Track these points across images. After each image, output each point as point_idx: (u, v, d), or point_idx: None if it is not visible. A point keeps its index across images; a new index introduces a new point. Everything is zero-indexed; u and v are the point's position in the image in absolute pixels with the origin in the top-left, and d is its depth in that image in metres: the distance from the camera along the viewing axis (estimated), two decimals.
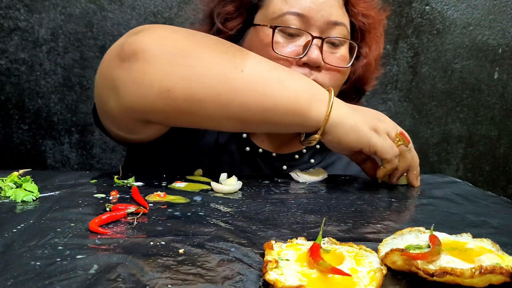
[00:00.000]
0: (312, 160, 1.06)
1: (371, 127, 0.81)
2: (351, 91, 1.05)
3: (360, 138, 0.80)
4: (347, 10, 0.96)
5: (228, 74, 0.73)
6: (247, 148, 1.02)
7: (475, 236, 0.54)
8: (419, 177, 0.89)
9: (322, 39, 0.91)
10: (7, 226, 0.56)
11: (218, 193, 0.75)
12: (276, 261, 0.45)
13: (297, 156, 1.05)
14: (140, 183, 0.78)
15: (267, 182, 0.85)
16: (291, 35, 0.92)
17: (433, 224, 0.55)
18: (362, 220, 0.64)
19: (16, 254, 0.48)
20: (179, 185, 0.78)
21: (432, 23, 1.50)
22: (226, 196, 0.74)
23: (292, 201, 0.73)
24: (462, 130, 1.58)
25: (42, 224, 0.57)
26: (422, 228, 0.55)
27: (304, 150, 1.06)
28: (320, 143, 1.03)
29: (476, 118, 1.58)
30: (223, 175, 0.82)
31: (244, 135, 1.02)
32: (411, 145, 0.86)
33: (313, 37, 0.90)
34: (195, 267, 0.46)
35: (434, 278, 0.43)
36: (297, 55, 0.91)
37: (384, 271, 0.45)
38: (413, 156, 0.88)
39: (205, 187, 0.78)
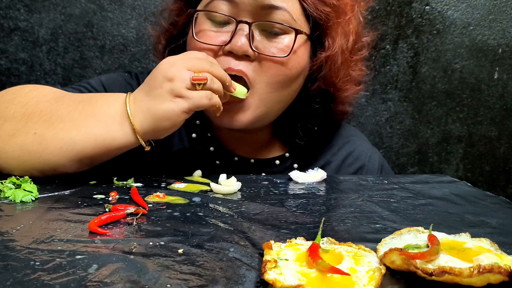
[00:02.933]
0: (296, 165, 0.98)
1: (169, 99, 0.73)
2: (318, 94, 0.93)
3: (170, 118, 0.73)
4: None
5: (24, 141, 0.75)
6: (217, 162, 0.96)
7: (473, 236, 0.54)
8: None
9: (249, 24, 0.82)
10: (7, 226, 0.56)
11: (217, 193, 0.75)
12: (275, 261, 0.45)
13: (278, 162, 0.98)
14: (139, 184, 0.78)
15: (266, 182, 0.85)
16: (221, 23, 0.85)
17: (431, 224, 0.55)
18: (361, 220, 0.64)
19: (16, 254, 0.48)
20: (179, 186, 0.78)
21: (432, 23, 1.50)
22: (225, 197, 0.74)
23: (291, 202, 0.73)
24: (462, 130, 1.58)
25: (42, 225, 0.57)
26: (420, 228, 0.55)
27: (287, 154, 0.98)
28: (305, 146, 0.97)
29: (476, 118, 1.58)
30: (222, 176, 0.82)
31: (212, 148, 0.96)
32: (208, 66, 0.75)
33: (238, 22, 0.82)
34: (195, 267, 0.46)
35: (433, 277, 0.43)
36: (222, 43, 0.83)
37: (383, 271, 0.45)
38: (216, 73, 0.76)
39: (205, 188, 0.78)
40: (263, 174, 0.96)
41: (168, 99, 0.73)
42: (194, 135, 0.97)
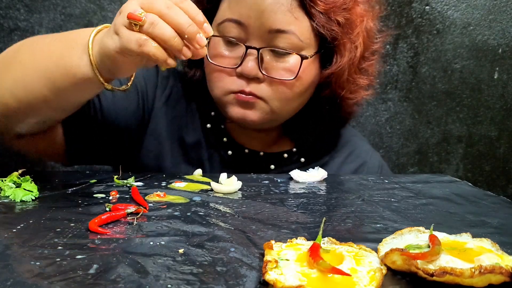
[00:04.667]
0: (303, 159, 1.01)
1: (110, 34, 0.67)
2: (327, 100, 0.95)
3: (107, 55, 0.68)
4: (307, 13, 0.84)
5: (13, 72, 0.77)
6: (229, 152, 0.98)
7: (474, 236, 0.54)
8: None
9: (258, 50, 0.84)
10: (7, 226, 0.56)
11: (217, 193, 0.75)
12: (276, 261, 0.45)
13: (286, 155, 1.01)
14: (139, 183, 0.78)
15: (266, 182, 0.85)
16: (232, 44, 0.87)
17: (432, 224, 0.55)
18: (361, 220, 0.64)
19: (16, 254, 0.48)
20: (179, 185, 0.78)
21: (432, 23, 1.50)
22: (225, 196, 0.74)
23: (292, 201, 0.73)
24: (462, 130, 1.58)
25: (42, 224, 0.57)
26: (421, 228, 0.55)
27: (294, 149, 1.01)
28: (312, 142, 1.02)
29: (476, 118, 1.58)
30: (223, 175, 0.82)
31: (225, 139, 0.98)
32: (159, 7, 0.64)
33: (247, 48, 0.84)
34: (195, 267, 0.46)
35: (434, 277, 0.43)
36: (234, 66, 0.86)
37: (384, 271, 0.45)
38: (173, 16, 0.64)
39: (205, 187, 0.78)
40: (272, 166, 0.99)
41: (110, 34, 0.67)
42: (208, 125, 1.00)
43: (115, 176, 0.79)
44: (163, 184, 0.79)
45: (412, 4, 1.49)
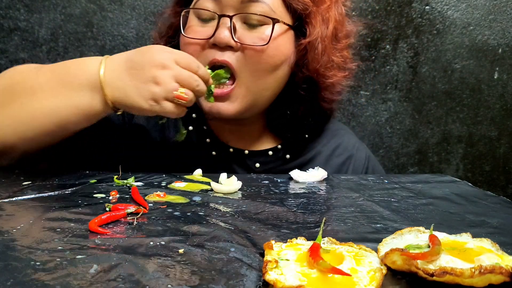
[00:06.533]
0: (288, 156, 1.01)
1: (147, 97, 0.77)
2: (304, 81, 0.95)
3: (139, 111, 0.79)
4: None
5: (13, 111, 0.80)
6: (214, 153, 0.99)
7: (474, 236, 0.54)
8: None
9: (230, 17, 0.86)
10: (8, 225, 0.56)
11: (217, 193, 0.75)
12: (276, 261, 0.45)
13: (271, 153, 1.01)
14: (139, 183, 0.78)
15: (266, 182, 0.85)
16: (206, 20, 0.90)
17: (432, 224, 0.55)
18: (361, 220, 0.64)
19: (16, 254, 0.48)
20: (179, 185, 0.78)
21: (432, 23, 1.50)
22: (225, 196, 0.74)
23: (292, 201, 0.73)
24: (462, 130, 1.58)
25: (42, 224, 0.57)
26: (421, 228, 0.55)
27: (279, 146, 1.01)
28: (296, 137, 1.02)
29: (476, 118, 1.58)
30: (223, 175, 0.82)
31: (208, 140, 0.99)
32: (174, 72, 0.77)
33: (220, 16, 0.87)
34: (195, 267, 0.46)
35: (434, 278, 0.43)
36: (207, 37, 0.88)
37: (384, 271, 0.45)
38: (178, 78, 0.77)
39: (205, 187, 0.78)
40: (257, 164, 0.99)
41: (146, 97, 0.76)
42: (190, 127, 1.00)
43: (115, 176, 0.79)
44: (163, 184, 0.79)
45: (412, 4, 1.49)
